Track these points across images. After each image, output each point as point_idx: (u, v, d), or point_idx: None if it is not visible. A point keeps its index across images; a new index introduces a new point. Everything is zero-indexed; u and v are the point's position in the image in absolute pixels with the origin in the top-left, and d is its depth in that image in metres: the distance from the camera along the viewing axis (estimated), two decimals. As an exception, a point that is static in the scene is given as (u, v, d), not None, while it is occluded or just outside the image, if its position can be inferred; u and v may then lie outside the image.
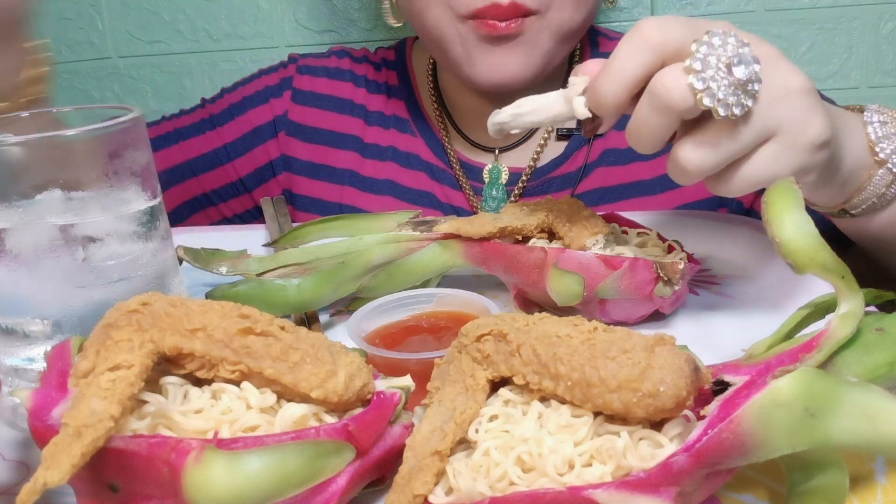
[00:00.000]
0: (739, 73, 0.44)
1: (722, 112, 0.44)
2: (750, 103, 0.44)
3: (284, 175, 0.93)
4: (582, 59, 0.88)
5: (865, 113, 0.57)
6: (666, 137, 0.47)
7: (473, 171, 0.88)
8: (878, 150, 0.55)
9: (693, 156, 0.46)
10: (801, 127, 0.47)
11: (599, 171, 0.86)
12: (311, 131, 0.92)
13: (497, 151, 0.88)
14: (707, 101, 0.44)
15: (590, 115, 0.48)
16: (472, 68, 0.76)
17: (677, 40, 0.45)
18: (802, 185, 0.47)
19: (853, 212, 0.58)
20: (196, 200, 0.94)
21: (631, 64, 0.46)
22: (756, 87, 0.44)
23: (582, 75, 0.49)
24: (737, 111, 0.44)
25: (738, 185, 0.48)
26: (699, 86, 0.44)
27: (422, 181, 0.89)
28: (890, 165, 0.55)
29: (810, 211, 0.40)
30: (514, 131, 0.52)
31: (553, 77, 0.82)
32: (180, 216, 0.94)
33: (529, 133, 0.87)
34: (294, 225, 0.67)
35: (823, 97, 0.60)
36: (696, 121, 0.46)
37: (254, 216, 0.96)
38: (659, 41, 0.45)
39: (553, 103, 0.50)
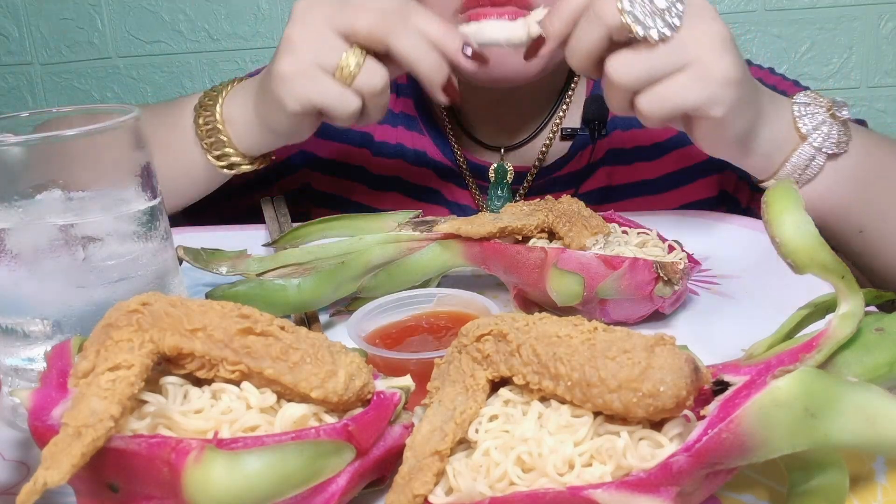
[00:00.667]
0: (661, 1, 0.54)
1: (640, 32, 0.54)
2: (667, 32, 0.55)
3: (303, 171, 0.93)
4: None
5: (794, 96, 0.65)
6: (596, 53, 0.58)
7: (479, 170, 0.89)
8: (799, 125, 0.63)
9: (618, 65, 0.56)
10: (711, 63, 0.56)
11: (603, 171, 0.87)
12: (326, 128, 0.92)
13: (503, 150, 0.88)
14: (629, 20, 0.54)
15: (538, 33, 0.61)
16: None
17: None
18: (716, 125, 0.58)
19: None
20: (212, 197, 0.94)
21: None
22: (674, 19, 0.55)
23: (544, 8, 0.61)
24: (653, 34, 0.54)
25: (654, 105, 0.57)
26: (627, 6, 0.55)
27: (428, 179, 0.90)
28: (811, 140, 0.63)
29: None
30: (475, 44, 0.63)
31: (556, 71, 0.82)
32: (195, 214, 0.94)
33: (535, 132, 0.88)
34: (294, 225, 0.67)
35: (786, 78, 0.74)
36: (627, 43, 0.57)
37: (254, 216, 0.96)
38: None
39: (513, 27, 0.62)
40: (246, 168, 0.72)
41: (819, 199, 0.65)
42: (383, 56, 0.63)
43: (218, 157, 0.71)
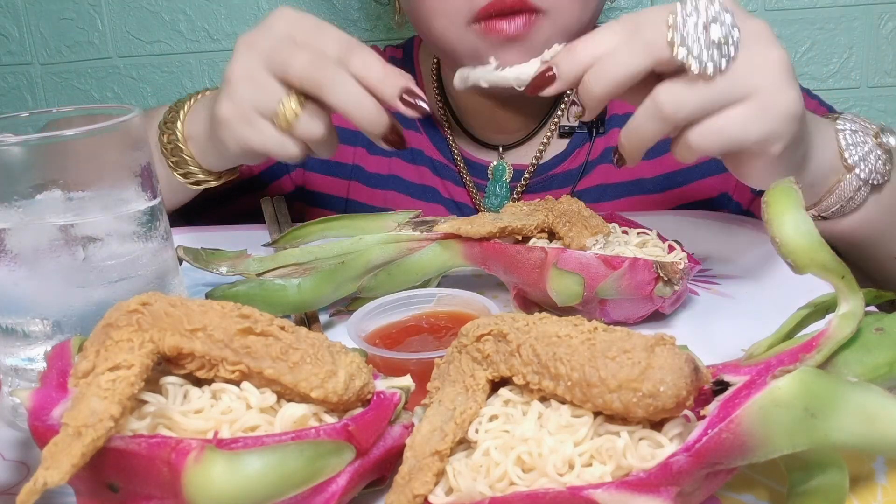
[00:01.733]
0: (715, 32, 0.47)
1: (696, 68, 0.48)
2: (723, 64, 0.48)
3: (298, 172, 0.93)
4: None
5: (839, 121, 0.59)
6: (632, 82, 0.51)
7: (477, 168, 0.89)
8: (846, 156, 0.58)
9: (670, 94, 0.49)
10: (775, 95, 0.50)
11: (601, 169, 0.87)
12: None
13: (501, 149, 0.88)
14: (681, 54, 0.48)
15: (542, 68, 0.54)
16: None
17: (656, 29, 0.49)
18: (770, 162, 0.52)
19: (824, 214, 0.61)
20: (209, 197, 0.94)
21: (606, 40, 0.51)
22: (731, 49, 0.48)
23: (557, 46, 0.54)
24: (709, 69, 0.48)
25: (709, 140, 0.50)
26: (678, 38, 0.48)
27: (426, 176, 0.90)
28: (857, 171, 0.58)
29: None
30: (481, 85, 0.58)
31: None
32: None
33: (533, 131, 0.88)
34: (294, 225, 0.67)
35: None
36: (678, 72, 0.50)
37: (254, 216, 0.96)
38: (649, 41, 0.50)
39: (524, 69, 0.56)
40: (213, 183, 0.71)
41: (859, 229, 0.62)
42: None
43: (184, 175, 0.70)
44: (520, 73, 0.56)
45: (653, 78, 0.51)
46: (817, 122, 0.59)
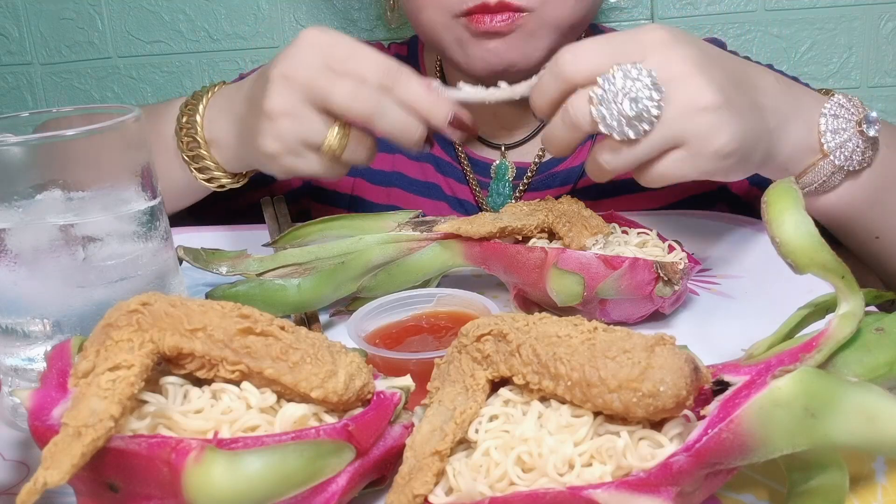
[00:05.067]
0: (627, 109, 0.51)
1: (617, 137, 0.52)
2: (644, 128, 0.51)
3: None
4: None
5: (827, 104, 0.60)
6: (574, 146, 0.55)
7: (480, 167, 0.89)
8: (823, 141, 0.59)
9: (604, 158, 0.54)
10: (704, 140, 0.52)
11: None
12: None
13: (503, 148, 0.89)
14: (603, 129, 0.52)
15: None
16: (467, 59, 0.76)
17: (588, 70, 0.52)
18: (727, 173, 0.55)
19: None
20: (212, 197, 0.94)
21: (549, 89, 0.55)
22: (644, 125, 0.51)
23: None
24: (631, 135, 0.51)
25: (653, 181, 0.55)
26: (597, 115, 0.52)
27: (429, 173, 0.90)
28: (832, 158, 0.59)
29: None
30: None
31: None
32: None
33: (536, 130, 0.88)
34: (294, 225, 0.67)
35: (785, 75, 0.66)
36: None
37: (254, 216, 0.96)
38: (570, 73, 0.53)
39: (515, 90, 0.58)
40: (227, 182, 0.71)
41: (834, 208, 0.63)
42: None
43: (199, 170, 0.70)
44: (513, 92, 0.58)
45: None
46: (801, 100, 0.60)
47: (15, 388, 0.47)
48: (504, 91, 0.59)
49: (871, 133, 0.60)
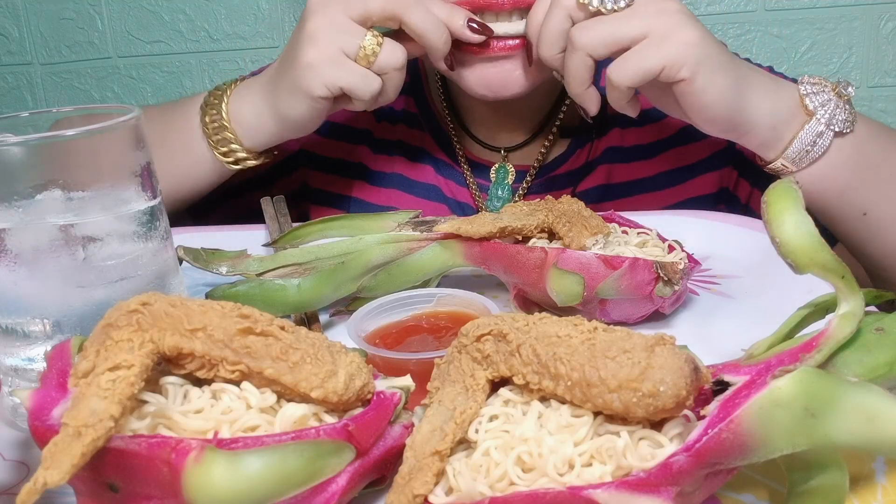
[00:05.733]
0: None
1: (595, 4, 0.62)
2: (622, 3, 0.62)
3: (302, 170, 0.94)
4: None
5: (800, 83, 0.67)
6: (561, 37, 0.65)
7: (480, 169, 0.89)
8: (806, 101, 0.66)
9: (580, 31, 0.62)
10: (669, 29, 0.61)
11: (602, 169, 0.87)
12: (327, 126, 0.92)
13: (504, 151, 0.89)
14: (595, 3, 0.63)
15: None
16: (462, 80, 0.75)
17: None
18: (695, 91, 0.62)
19: (792, 162, 0.67)
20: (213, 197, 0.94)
21: None
22: (620, 2, 0.62)
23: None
24: (608, 5, 0.62)
25: (620, 73, 0.62)
26: None
27: (428, 175, 0.90)
28: (818, 116, 0.65)
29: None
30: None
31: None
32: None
33: (536, 132, 0.88)
34: (294, 225, 0.67)
35: (786, 76, 0.73)
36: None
37: (254, 216, 0.96)
38: None
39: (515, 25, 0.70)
40: (251, 163, 0.76)
41: (823, 179, 0.67)
42: (397, 37, 0.69)
43: (224, 154, 0.75)
44: (507, 29, 0.69)
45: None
46: (767, 74, 0.68)
47: (15, 388, 0.47)
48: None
49: (849, 91, 0.66)
